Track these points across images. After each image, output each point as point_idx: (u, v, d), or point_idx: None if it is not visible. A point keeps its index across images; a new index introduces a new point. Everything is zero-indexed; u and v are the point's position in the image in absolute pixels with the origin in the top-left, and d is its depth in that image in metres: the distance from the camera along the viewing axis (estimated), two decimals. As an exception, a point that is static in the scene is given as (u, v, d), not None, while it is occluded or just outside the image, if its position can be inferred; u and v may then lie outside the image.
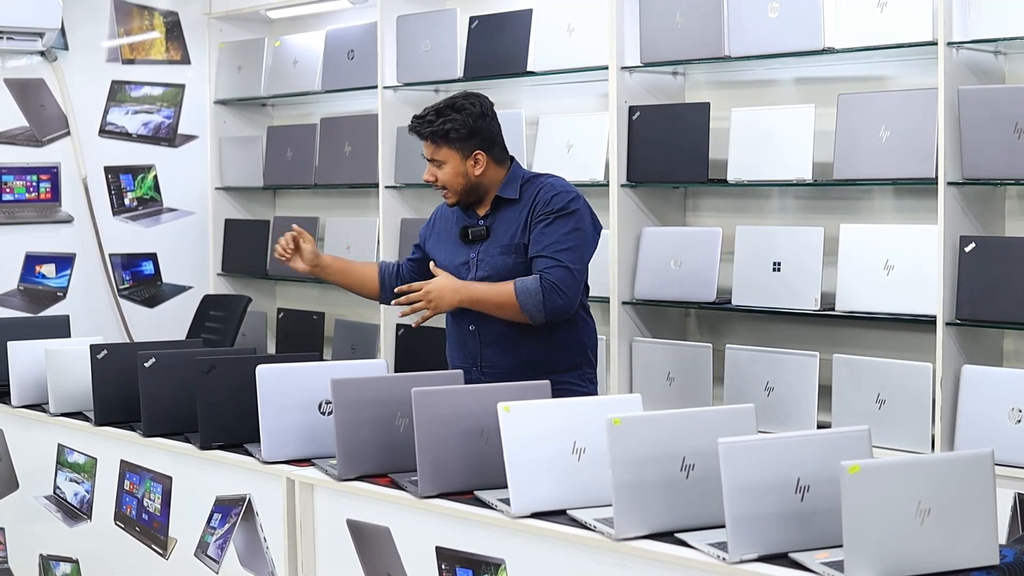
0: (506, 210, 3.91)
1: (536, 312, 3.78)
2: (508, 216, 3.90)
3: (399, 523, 3.23)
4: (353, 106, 6.38)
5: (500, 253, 3.88)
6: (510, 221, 3.90)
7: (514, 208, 3.91)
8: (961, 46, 4.23)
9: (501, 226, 3.90)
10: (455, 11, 5.66)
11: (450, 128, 3.84)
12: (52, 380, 4.35)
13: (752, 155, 4.72)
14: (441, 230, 4.05)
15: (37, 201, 6.48)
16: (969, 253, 4.21)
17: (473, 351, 3.92)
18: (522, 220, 3.88)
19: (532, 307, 3.77)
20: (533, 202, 3.88)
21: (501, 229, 3.90)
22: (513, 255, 3.87)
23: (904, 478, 2.46)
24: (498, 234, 3.90)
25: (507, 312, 3.81)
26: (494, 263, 3.88)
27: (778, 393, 4.59)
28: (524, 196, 3.90)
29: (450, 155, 3.86)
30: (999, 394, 4.10)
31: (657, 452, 2.74)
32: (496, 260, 3.88)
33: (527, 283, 3.78)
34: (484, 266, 3.89)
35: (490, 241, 3.90)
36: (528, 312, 3.78)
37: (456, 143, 3.85)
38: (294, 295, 6.96)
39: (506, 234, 3.89)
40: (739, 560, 2.56)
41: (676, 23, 4.86)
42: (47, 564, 4.51)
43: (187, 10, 6.89)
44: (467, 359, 3.93)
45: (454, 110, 3.85)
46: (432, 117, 3.86)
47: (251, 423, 3.59)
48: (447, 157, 3.86)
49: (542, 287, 3.77)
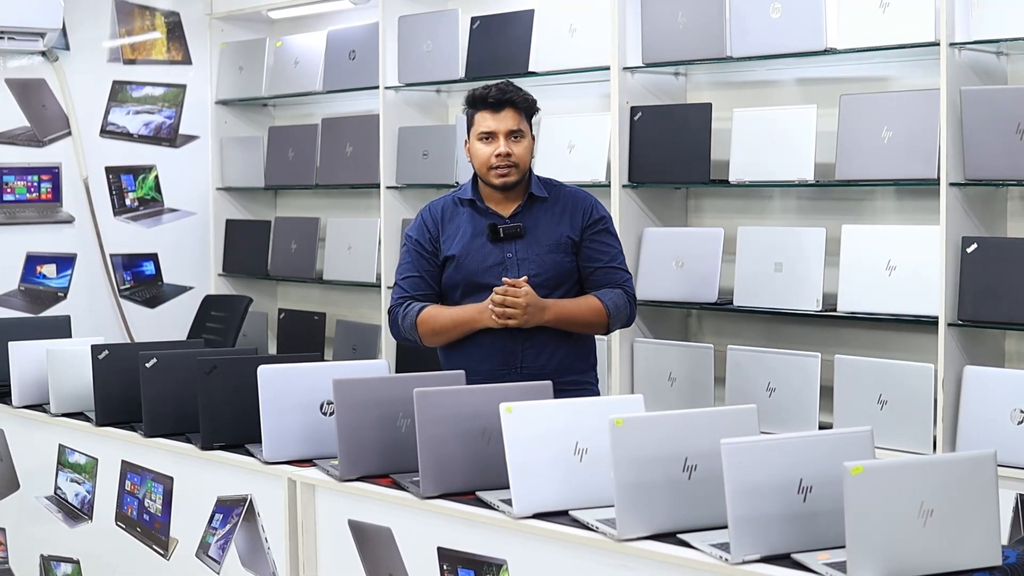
0: (539, 208, 3.88)
1: (619, 325, 3.90)
2: (543, 214, 3.87)
3: (401, 524, 3.22)
4: (354, 106, 6.38)
5: (549, 251, 3.84)
6: (548, 219, 3.87)
7: (547, 206, 3.88)
8: (963, 47, 4.22)
9: (540, 224, 3.86)
10: (457, 11, 5.66)
11: (534, 103, 3.87)
12: (53, 380, 4.35)
13: (754, 156, 4.72)
14: (453, 232, 3.91)
15: (38, 201, 6.48)
16: (971, 254, 4.20)
17: (515, 352, 3.83)
18: (563, 219, 3.87)
19: (618, 322, 3.88)
20: (572, 206, 3.88)
21: (540, 227, 3.86)
22: (562, 253, 3.85)
23: (906, 479, 2.45)
24: (538, 232, 3.85)
25: (589, 329, 3.89)
26: (542, 261, 3.83)
27: (780, 394, 4.59)
28: (553, 196, 3.90)
29: (528, 130, 3.85)
30: (1001, 395, 4.10)
31: (659, 453, 2.74)
32: (545, 258, 3.84)
33: (615, 299, 3.84)
34: (530, 265, 3.82)
35: (529, 238, 3.85)
36: (612, 326, 3.88)
37: (532, 117, 3.88)
38: (295, 295, 6.96)
39: (548, 232, 3.85)
40: (741, 561, 2.55)
41: (678, 23, 4.86)
42: (48, 565, 4.50)
43: (188, 10, 6.89)
44: (504, 363, 3.83)
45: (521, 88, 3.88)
46: (514, 88, 3.84)
47: (252, 423, 3.58)
48: (527, 131, 3.85)
49: (628, 302, 3.87)
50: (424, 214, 3.97)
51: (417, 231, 3.95)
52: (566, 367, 3.87)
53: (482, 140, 3.82)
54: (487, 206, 3.89)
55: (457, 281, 3.87)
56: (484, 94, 3.82)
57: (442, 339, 3.87)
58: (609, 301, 3.83)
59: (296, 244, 6.48)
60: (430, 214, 3.96)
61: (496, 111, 3.80)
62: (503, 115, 3.80)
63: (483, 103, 3.82)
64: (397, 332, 3.93)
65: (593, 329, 3.89)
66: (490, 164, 3.81)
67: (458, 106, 6.01)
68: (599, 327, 3.87)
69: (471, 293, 3.84)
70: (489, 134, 3.81)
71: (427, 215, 3.96)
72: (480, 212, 3.89)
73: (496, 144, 3.80)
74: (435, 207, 3.97)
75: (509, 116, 3.80)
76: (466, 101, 3.89)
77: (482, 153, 3.82)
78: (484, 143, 3.82)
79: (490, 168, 3.81)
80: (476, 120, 3.84)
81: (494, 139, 3.80)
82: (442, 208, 3.95)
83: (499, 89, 3.82)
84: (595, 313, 3.83)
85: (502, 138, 3.79)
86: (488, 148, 3.81)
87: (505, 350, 3.83)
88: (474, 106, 3.85)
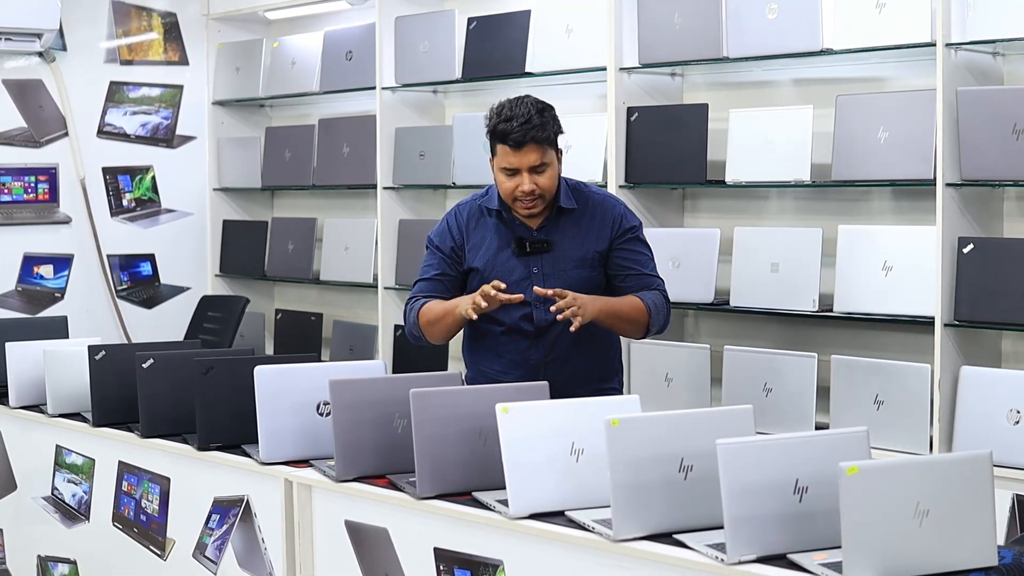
0: (567, 221, 3.78)
1: (656, 329, 3.81)
2: (569, 227, 3.78)
3: (397, 524, 3.23)
4: (351, 107, 6.38)
5: (575, 267, 3.76)
6: (574, 233, 3.78)
7: (573, 218, 3.79)
8: (959, 47, 4.23)
9: (566, 238, 3.77)
10: (453, 12, 5.65)
11: (558, 127, 3.72)
12: (50, 381, 4.35)
13: (750, 156, 4.72)
14: (478, 242, 3.81)
15: (35, 202, 6.48)
16: (967, 254, 4.21)
17: (537, 365, 3.77)
18: (591, 232, 3.78)
19: (657, 323, 3.80)
20: (600, 217, 3.79)
21: (567, 241, 3.77)
22: (588, 268, 3.77)
23: (902, 479, 2.46)
24: (564, 246, 3.76)
25: (632, 328, 3.79)
26: (568, 276, 3.74)
27: (776, 394, 4.59)
28: (581, 206, 3.80)
29: (554, 158, 3.71)
30: (997, 395, 4.10)
31: (656, 453, 2.74)
32: (571, 274, 3.75)
33: (655, 300, 3.78)
34: (555, 281, 3.71)
35: (556, 254, 3.76)
36: (651, 329, 3.80)
37: (557, 144, 3.74)
38: (292, 296, 6.96)
39: (575, 247, 3.76)
40: (737, 561, 2.56)
41: (674, 24, 4.86)
42: (45, 565, 4.50)
43: (185, 11, 6.88)
44: (526, 375, 3.74)
45: (545, 110, 3.69)
46: (538, 119, 3.64)
47: (249, 424, 3.59)
48: (552, 160, 3.70)
49: (666, 303, 3.81)
50: (449, 219, 3.87)
51: (439, 237, 3.85)
52: (590, 375, 3.82)
53: (504, 174, 3.71)
54: (513, 217, 3.80)
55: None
56: (506, 131, 3.65)
57: (436, 330, 3.78)
58: (650, 301, 3.76)
59: (293, 245, 6.48)
60: (455, 220, 3.85)
61: (518, 149, 3.65)
62: (525, 152, 3.64)
63: (503, 140, 3.67)
64: (408, 330, 3.88)
65: (636, 327, 3.77)
66: (514, 196, 3.72)
67: (455, 107, 6.01)
68: (641, 326, 3.76)
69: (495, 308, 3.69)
70: (512, 170, 3.69)
71: (452, 220, 3.86)
72: (506, 224, 3.80)
73: (519, 179, 3.68)
74: (461, 213, 3.86)
75: (531, 152, 3.65)
76: (488, 130, 3.72)
77: (505, 186, 3.71)
78: (507, 177, 3.70)
79: (514, 200, 3.73)
80: (498, 151, 3.70)
81: (516, 174, 3.69)
82: (468, 215, 3.85)
83: (522, 129, 3.63)
84: (638, 311, 3.74)
85: (525, 174, 3.67)
86: (511, 182, 3.70)
87: (528, 363, 3.79)
88: (495, 139, 3.70)
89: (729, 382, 4.75)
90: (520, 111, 3.65)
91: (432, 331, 3.79)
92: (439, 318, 3.75)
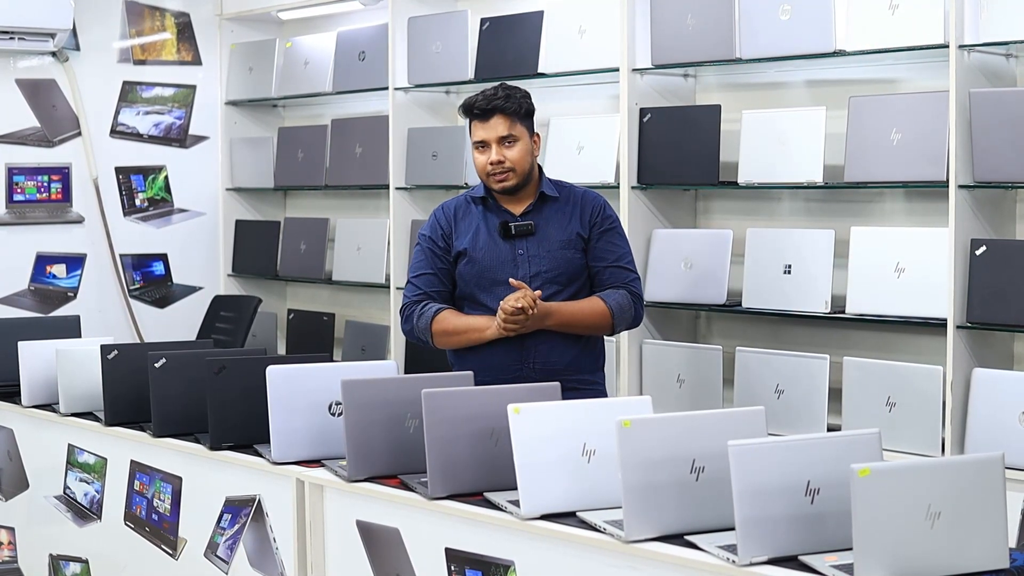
0: (550, 207, 3.93)
1: (624, 326, 3.93)
2: (553, 213, 3.92)
3: (409, 524, 3.23)
4: (364, 107, 6.39)
5: (559, 248, 3.89)
6: (558, 218, 3.92)
7: (556, 205, 3.93)
8: (972, 49, 4.22)
9: (550, 224, 3.91)
10: (466, 13, 5.66)
11: (527, 104, 3.87)
12: (62, 380, 4.36)
13: (763, 157, 4.71)
14: (466, 229, 3.96)
15: (48, 201, 6.50)
16: (980, 256, 4.20)
17: (527, 350, 3.85)
18: (573, 217, 3.92)
19: (623, 322, 3.92)
20: (582, 205, 3.94)
21: (551, 226, 3.91)
22: (572, 250, 3.90)
23: (914, 481, 2.45)
24: (548, 231, 3.90)
25: (596, 330, 3.92)
26: (553, 258, 3.88)
27: (788, 396, 4.58)
28: (563, 195, 3.95)
29: (523, 132, 3.86)
30: (1009, 397, 4.09)
31: (667, 454, 2.74)
32: (555, 255, 3.88)
33: (619, 300, 3.88)
34: (540, 261, 3.88)
35: (540, 237, 3.89)
36: (617, 327, 3.92)
37: (527, 120, 3.88)
38: (304, 296, 6.97)
39: (559, 229, 3.90)
40: (749, 563, 2.56)
41: (687, 25, 4.86)
42: (57, 564, 4.51)
43: (198, 11, 6.90)
44: (516, 360, 3.85)
45: (516, 90, 3.88)
46: (503, 93, 3.84)
47: (261, 424, 3.59)
48: (521, 134, 3.86)
49: (633, 302, 3.90)
50: (437, 213, 4.03)
51: (430, 229, 4.00)
52: (577, 366, 3.90)
53: (477, 149, 3.89)
54: (499, 204, 3.94)
55: (469, 276, 3.91)
56: (472, 103, 3.86)
57: (452, 342, 3.90)
58: (613, 302, 3.87)
59: (305, 245, 6.48)
60: (443, 213, 4.01)
61: (485, 120, 3.85)
62: (492, 123, 3.84)
63: (471, 112, 3.87)
64: (410, 330, 3.96)
65: (598, 331, 3.92)
66: (486, 171, 3.87)
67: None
68: (603, 328, 3.91)
69: (483, 289, 3.90)
70: (481, 143, 3.86)
71: (440, 214, 4.02)
72: (492, 210, 3.95)
73: (489, 152, 3.85)
74: (448, 206, 4.02)
75: (499, 123, 3.83)
76: (460, 109, 3.94)
77: (477, 162, 3.90)
78: (479, 152, 3.88)
79: (488, 175, 3.88)
80: (472, 129, 3.90)
81: (487, 147, 3.86)
82: (455, 207, 4.01)
83: (486, 97, 3.84)
84: (598, 315, 3.87)
85: (494, 145, 3.84)
86: (482, 157, 3.87)
87: (517, 348, 3.85)
88: (466, 115, 3.90)
89: (741, 383, 4.75)
90: (487, 90, 3.87)
91: (444, 341, 3.91)
92: (458, 332, 3.88)
